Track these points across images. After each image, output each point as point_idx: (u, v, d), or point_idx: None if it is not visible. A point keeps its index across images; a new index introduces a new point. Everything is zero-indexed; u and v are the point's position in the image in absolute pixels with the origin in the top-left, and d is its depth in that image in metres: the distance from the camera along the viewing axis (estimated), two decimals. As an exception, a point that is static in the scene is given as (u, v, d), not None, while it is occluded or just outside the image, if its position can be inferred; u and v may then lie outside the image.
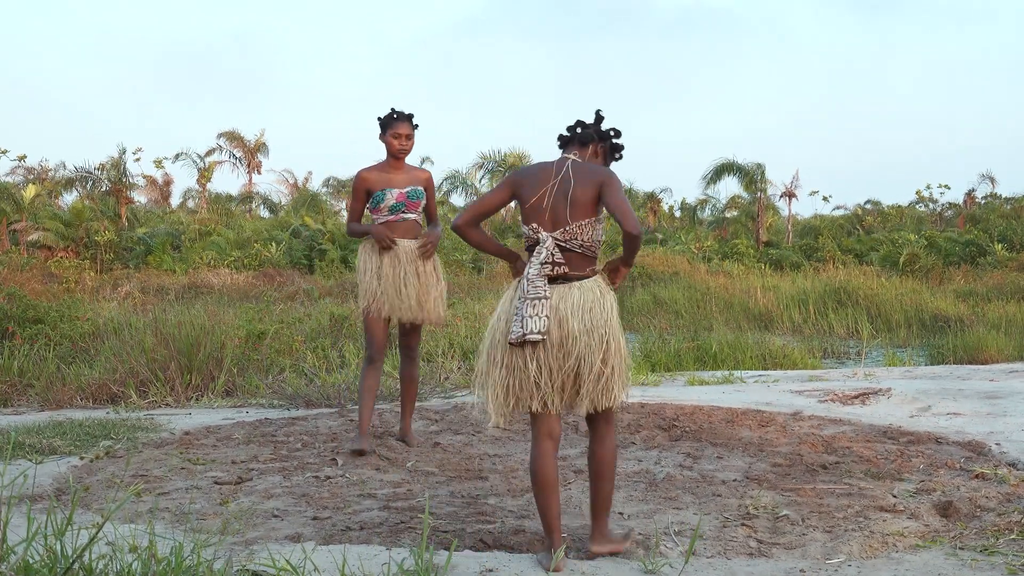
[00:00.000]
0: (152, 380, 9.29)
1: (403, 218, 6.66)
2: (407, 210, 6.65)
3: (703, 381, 10.66)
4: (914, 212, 58.63)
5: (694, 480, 5.70)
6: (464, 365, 10.79)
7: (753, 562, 4.16)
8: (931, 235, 39.56)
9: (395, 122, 6.63)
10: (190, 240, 37.50)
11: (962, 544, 4.40)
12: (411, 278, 6.59)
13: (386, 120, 6.67)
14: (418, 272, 6.62)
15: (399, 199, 6.61)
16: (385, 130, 6.66)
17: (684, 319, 18.96)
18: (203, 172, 56.27)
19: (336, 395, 8.87)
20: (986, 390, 9.21)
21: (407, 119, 6.65)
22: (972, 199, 58.96)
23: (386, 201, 6.61)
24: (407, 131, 6.63)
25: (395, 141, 6.62)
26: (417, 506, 5.07)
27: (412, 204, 6.66)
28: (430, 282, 6.68)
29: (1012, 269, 29.88)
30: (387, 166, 6.69)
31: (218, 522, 4.72)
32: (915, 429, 7.19)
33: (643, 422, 7.43)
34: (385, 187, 6.62)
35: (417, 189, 6.68)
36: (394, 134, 6.61)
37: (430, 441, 6.85)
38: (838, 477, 5.72)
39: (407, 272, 6.59)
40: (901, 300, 21.04)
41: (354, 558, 4.02)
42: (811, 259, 36.44)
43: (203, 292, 23.43)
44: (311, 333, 12.32)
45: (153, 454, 6.43)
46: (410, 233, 6.67)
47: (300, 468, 6.02)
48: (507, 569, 3.97)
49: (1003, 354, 14.79)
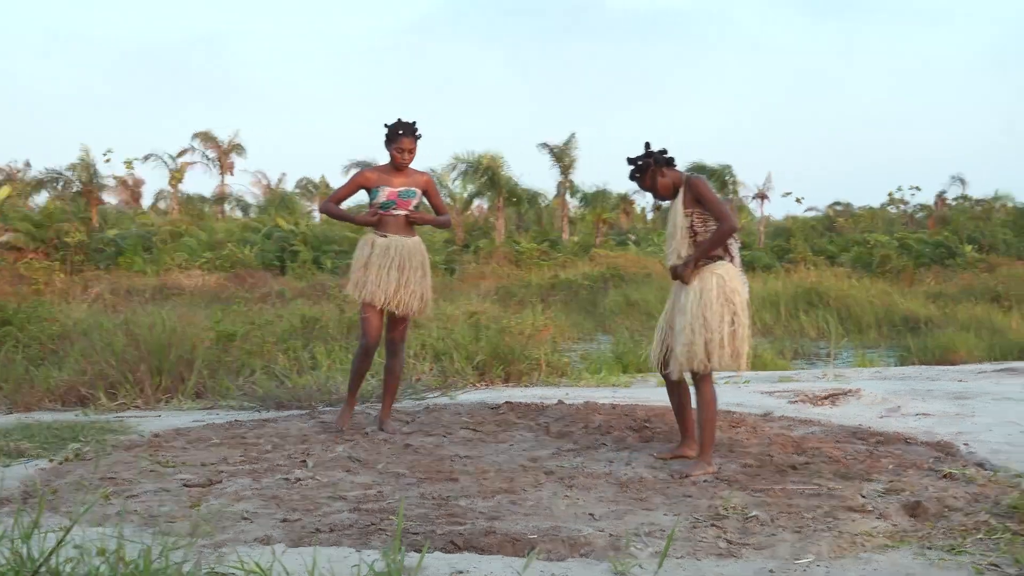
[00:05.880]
0: (122, 382, 9.23)
1: (394, 214, 7.14)
2: (397, 207, 7.12)
3: (674, 383, 10.67)
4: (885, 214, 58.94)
5: (664, 481, 5.71)
6: (436, 367, 10.78)
7: (723, 562, 4.17)
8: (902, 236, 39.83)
9: (400, 137, 7.10)
10: (161, 241, 37.33)
11: (930, 544, 4.42)
12: (394, 270, 7.07)
13: (392, 133, 7.12)
14: (403, 265, 7.09)
15: (390, 196, 7.11)
16: (391, 142, 7.12)
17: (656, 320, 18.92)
18: (175, 173, 56.02)
19: (307, 397, 8.84)
20: (955, 391, 9.27)
21: (412, 134, 7.11)
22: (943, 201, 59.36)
23: (378, 198, 7.13)
24: (410, 146, 7.12)
25: (398, 155, 7.12)
26: (388, 508, 5.06)
27: (403, 202, 7.14)
28: (416, 275, 7.14)
29: (981, 270, 30.13)
30: (389, 169, 7.20)
31: (187, 525, 4.69)
32: (884, 430, 7.23)
33: (614, 423, 7.45)
34: (381, 185, 7.11)
35: (410, 190, 7.16)
36: (398, 148, 7.11)
37: (401, 442, 6.84)
38: (808, 477, 5.74)
39: (393, 263, 7.07)
40: (871, 301, 21.17)
41: (324, 560, 4.00)
42: (783, 260, 36.60)
43: (174, 294, 23.33)
44: (282, 335, 12.27)
45: (122, 456, 6.38)
46: (403, 230, 7.18)
47: (270, 470, 5.99)
48: (477, 570, 3.96)
49: (972, 355, 14.90)
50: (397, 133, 7.07)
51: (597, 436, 7.06)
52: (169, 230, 39.53)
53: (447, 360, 11.03)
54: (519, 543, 4.39)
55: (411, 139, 7.08)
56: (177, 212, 54.53)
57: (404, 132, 7.07)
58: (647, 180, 6.23)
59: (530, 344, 12.00)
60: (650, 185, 6.24)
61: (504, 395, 9.29)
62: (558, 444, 6.86)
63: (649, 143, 6.25)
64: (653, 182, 6.22)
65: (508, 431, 7.32)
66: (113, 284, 25.62)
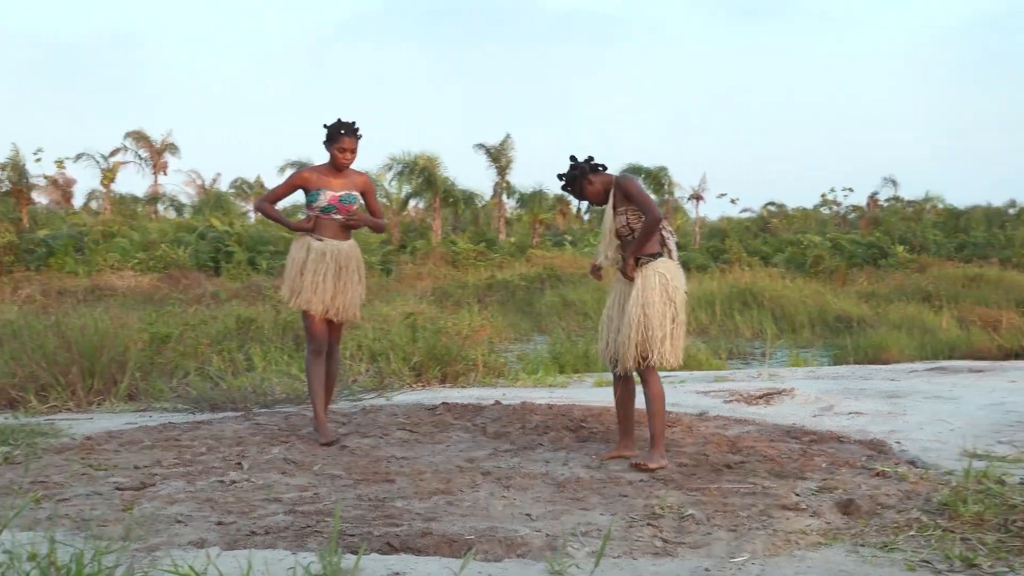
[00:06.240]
0: (53, 384, 9.10)
1: (333, 218, 6.98)
2: (339, 212, 6.98)
3: (611, 382, 10.72)
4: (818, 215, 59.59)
5: (601, 481, 5.72)
6: (372, 368, 10.74)
7: (659, 562, 4.19)
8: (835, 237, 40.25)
9: (342, 137, 6.96)
10: (93, 242, 36.80)
11: (863, 541, 4.47)
12: (331, 276, 6.94)
13: (333, 133, 6.98)
14: (340, 271, 6.98)
15: (331, 201, 6.96)
16: (331, 142, 6.97)
17: (593, 320, 19.01)
18: (107, 173, 55.35)
19: (242, 399, 8.77)
20: (887, 389, 9.40)
21: (353, 134, 6.98)
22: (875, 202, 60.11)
23: (319, 201, 6.96)
24: (352, 146, 6.98)
25: (340, 155, 6.97)
26: (324, 510, 5.03)
27: (343, 208, 7.00)
28: (351, 281, 7.05)
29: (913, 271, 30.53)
30: (329, 170, 7.04)
31: (120, 528, 4.63)
32: (818, 428, 7.30)
33: (551, 423, 7.46)
34: (322, 188, 6.95)
35: (351, 194, 7.03)
36: (339, 148, 6.96)
37: (337, 444, 6.80)
38: (742, 476, 5.78)
39: (329, 269, 6.94)
40: (805, 301, 21.38)
41: (260, 563, 3.97)
42: (718, 261, 36.85)
43: (107, 295, 23.01)
44: (217, 336, 12.16)
45: (53, 460, 6.29)
46: (339, 233, 7.04)
47: (204, 472, 5.94)
48: (414, 571, 3.95)
49: (904, 354, 15.10)
50: (339, 133, 6.93)
51: (534, 436, 7.07)
52: (101, 230, 38.98)
53: (383, 361, 11.00)
54: (456, 544, 4.39)
55: (352, 139, 6.94)
56: (109, 212, 53.86)
57: (346, 132, 6.92)
58: (578, 190, 6.45)
59: (467, 345, 12.00)
60: (582, 194, 6.45)
61: (441, 396, 9.27)
62: (495, 445, 6.86)
63: (574, 156, 6.45)
64: (584, 190, 6.42)
65: (445, 432, 7.31)
66: (44, 285, 25.26)
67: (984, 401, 8.59)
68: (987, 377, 10.65)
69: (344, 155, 6.95)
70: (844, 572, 4.01)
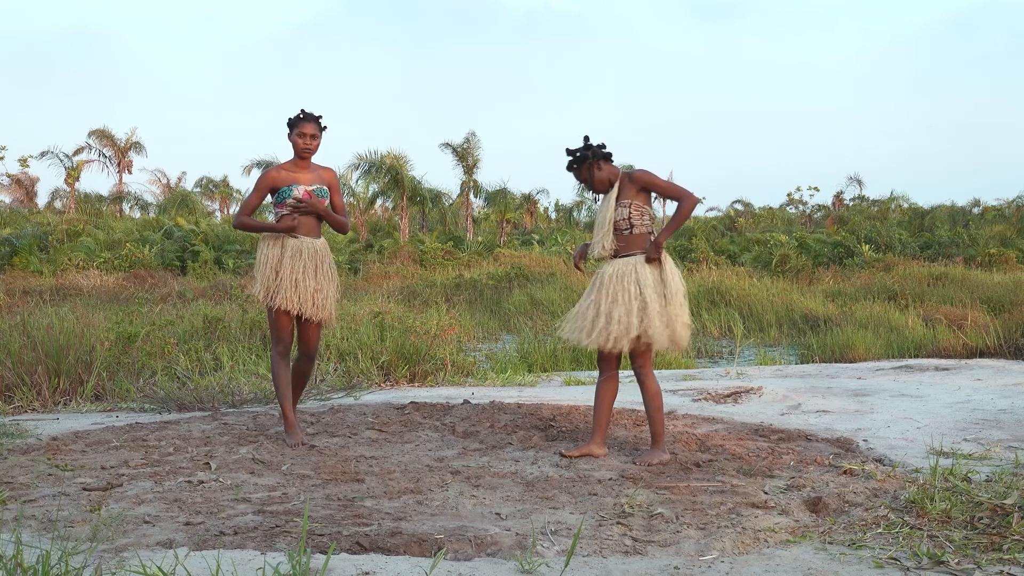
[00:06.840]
0: (18, 384, 9.04)
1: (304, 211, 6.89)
2: None
3: (579, 381, 10.75)
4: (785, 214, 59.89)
5: (570, 480, 5.73)
6: (341, 367, 10.71)
7: (628, 560, 4.19)
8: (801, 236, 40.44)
9: (301, 122, 6.87)
10: (58, 241, 36.58)
11: (831, 539, 4.49)
12: (309, 274, 6.84)
13: (293, 120, 6.91)
14: (316, 269, 6.88)
15: (305, 196, 6.82)
16: (292, 129, 6.90)
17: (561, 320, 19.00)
18: (71, 171, 54.99)
19: (210, 398, 8.74)
20: (854, 388, 9.45)
21: (314, 119, 6.90)
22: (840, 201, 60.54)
23: (293, 195, 6.82)
24: (312, 131, 6.86)
25: (300, 140, 6.85)
26: (293, 510, 5.01)
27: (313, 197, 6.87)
28: (326, 279, 6.93)
29: (878, 269, 30.68)
30: (294, 165, 6.92)
31: (87, 529, 4.61)
32: (786, 427, 7.34)
33: (520, 422, 7.46)
34: (291, 183, 6.84)
35: (322, 188, 6.93)
36: (299, 133, 6.85)
37: (306, 444, 6.78)
38: (711, 475, 5.80)
39: (306, 267, 6.85)
40: (772, 300, 21.44)
41: (228, 563, 3.95)
42: (685, 260, 36.93)
43: (72, 294, 22.83)
44: (184, 335, 12.11)
45: (19, 460, 6.24)
46: (312, 230, 6.94)
47: (172, 473, 5.91)
48: (384, 571, 3.94)
49: (870, 352, 15.16)
50: (299, 118, 6.85)
51: (503, 436, 7.06)
52: (66, 229, 38.73)
53: (352, 360, 10.97)
54: (426, 543, 4.38)
55: (313, 124, 6.83)
56: (74, 211, 53.52)
57: (305, 117, 6.84)
58: (584, 172, 6.45)
59: (435, 344, 11.99)
60: (587, 177, 6.46)
61: (410, 395, 9.26)
62: (464, 444, 6.85)
63: (588, 136, 6.44)
64: (590, 175, 6.43)
65: (414, 431, 7.30)
66: (8, 284, 25.03)
67: (950, 399, 8.65)
68: (953, 375, 10.73)
69: (305, 140, 6.82)
70: (813, 569, 4.03)
